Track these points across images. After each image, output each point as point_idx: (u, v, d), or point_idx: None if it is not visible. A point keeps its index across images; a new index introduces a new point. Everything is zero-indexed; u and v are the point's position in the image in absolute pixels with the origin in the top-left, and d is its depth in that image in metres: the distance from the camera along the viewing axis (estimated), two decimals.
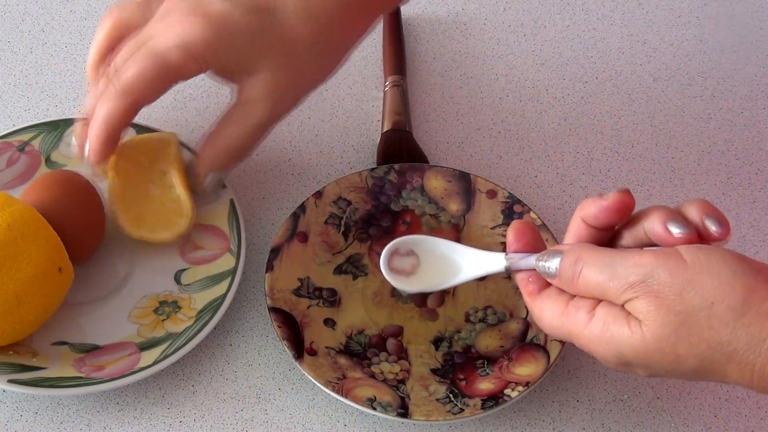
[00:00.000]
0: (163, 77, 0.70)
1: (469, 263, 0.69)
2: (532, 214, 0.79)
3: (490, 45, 0.94)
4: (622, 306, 0.60)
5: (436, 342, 0.76)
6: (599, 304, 0.61)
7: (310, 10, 0.70)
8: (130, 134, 0.81)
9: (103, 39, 0.74)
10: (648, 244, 0.63)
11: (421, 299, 0.78)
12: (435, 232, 0.81)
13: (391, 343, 0.76)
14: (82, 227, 0.75)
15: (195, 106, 0.89)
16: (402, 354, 0.76)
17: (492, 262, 0.67)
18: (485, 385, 0.73)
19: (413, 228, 0.81)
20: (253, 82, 0.71)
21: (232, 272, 0.76)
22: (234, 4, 0.70)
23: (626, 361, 0.61)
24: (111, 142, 0.72)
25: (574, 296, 0.63)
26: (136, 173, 0.78)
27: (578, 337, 0.62)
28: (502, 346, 0.76)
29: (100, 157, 0.72)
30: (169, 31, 0.69)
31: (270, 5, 0.70)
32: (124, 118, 0.71)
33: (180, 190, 0.77)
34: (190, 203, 0.77)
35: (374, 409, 0.71)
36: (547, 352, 0.73)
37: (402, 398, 0.72)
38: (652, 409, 0.74)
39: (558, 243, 0.78)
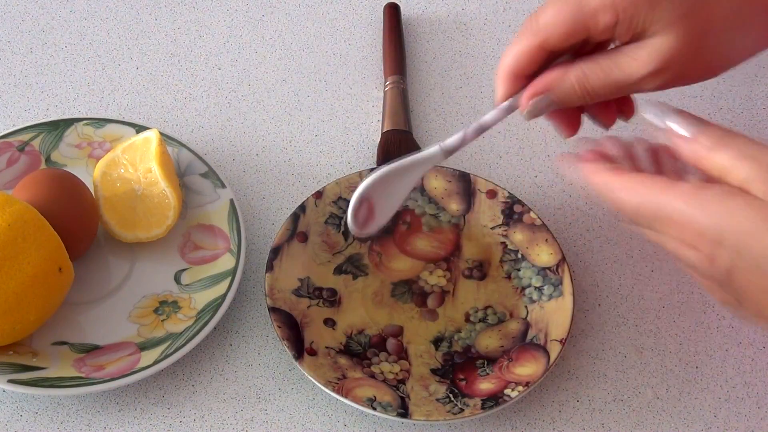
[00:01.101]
0: (573, 20, 0.65)
1: (413, 172, 0.70)
2: (532, 214, 0.79)
3: (490, 45, 0.94)
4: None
5: (436, 342, 0.76)
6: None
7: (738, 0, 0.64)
8: (127, 136, 0.81)
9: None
10: None
11: (421, 299, 0.78)
12: (435, 231, 0.81)
13: (391, 343, 0.76)
14: (75, 223, 0.75)
15: (195, 106, 0.89)
16: (402, 354, 0.76)
17: (429, 155, 0.69)
18: (485, 385, 0.73)
19: (413, 228, 0.81)
20: (647, 42, 0.64)
21: (232, 272, 0.76)
22: None
23: (720, 236, 0.58)
24: (513, 79, 0.68)
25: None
26: (121, 180, 0.78)
27: (672, 201, 0.60)
28: (502, 346, 0.76)
29: (501, 92, 0.69)
30: None
31: None
32: (529, 57, 0.67)
33: (164, 183, 0.77)
34: (175, 194, 0.77)
35: (374, 409, 0.71)
36: (547, 352, 0.73)
37: (402, 398, 0.72)
38: (652, 409, 0.74)
39: (557, 243, 0.78)
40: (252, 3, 0.96)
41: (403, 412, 0.71)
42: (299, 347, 0.73)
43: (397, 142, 0.85)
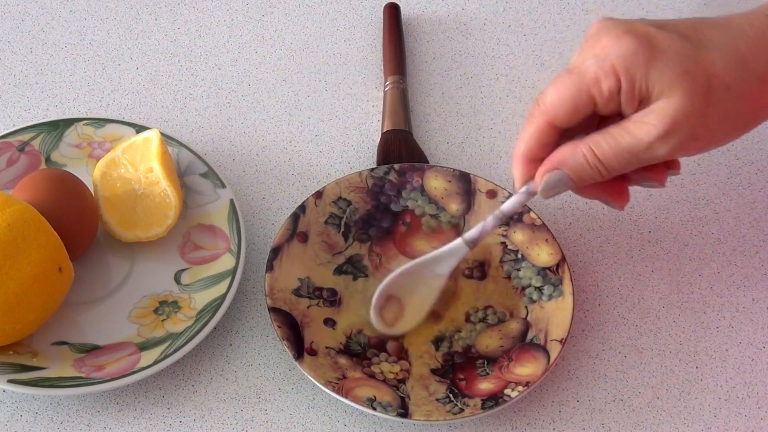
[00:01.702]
0: (577, 91, 0.65)
1: (439, 266, 0.74)
2: (532, 214, 0.79)
3: (490, 45, 0.94)
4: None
5: (436, 342, 0.76)
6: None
7: (738, 54, 0.64)
8: (127, 136, 0.81)
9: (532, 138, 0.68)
10: None
11: None
12: (435, 232, 0.81)
13: (391, 343, 0.76)
14: (75, 223, 0.75)
15: (195, 106, 0.89)
16: (402, 354, 0.76)
17: (453, 248, 0.74)
18: (485, 385, 0.73)
19: (413, 228, 0.81)
20: (654, 107, 0.64)
21: (232, 272, 0.76)
22: (658, 28, 0.65)
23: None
24: (528, 163, 0.68)
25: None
26: (121, 180, 0.78)
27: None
28: (502, 346, 0.76)
29: (518, 177, 0.69)
30: (591, 48, 0.66)
31: (695, 36, 0.65)
32: (540, 138, 0.67)
33: (165, 182, 0.77)
34: (176, 194, 0.77)
35: (374, 409, 0.71)
36: (547, 352, 0.73)
37: (402, 398, 0.72)
38: (652, 409, 0.74)
39: (557, 243, 0.78)
40: (252, 3, 0.96)
41: (403, 412, 0.71)
42: (299, 347, 0.73)
43: (397, 142, 0.85)
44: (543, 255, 0.78)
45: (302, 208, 0.79)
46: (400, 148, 0.84)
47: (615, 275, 0.80)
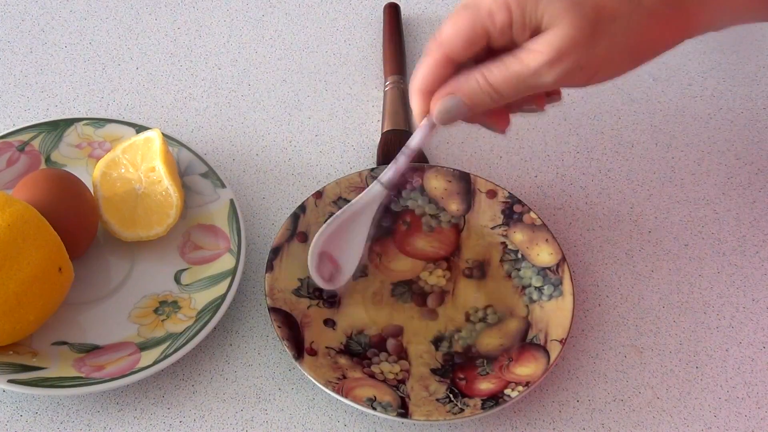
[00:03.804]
0: (472, 24, 0.67)
1: (362, 215, 0.75)
2: (532, 214, 0.79)
3: None
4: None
5: (436, 342, 0.76)
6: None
7: None
8: (127, 136, 0.81)
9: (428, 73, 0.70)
10: None
11: (421, 299, 0.78)
12: (435, 232, 0.81)
13: (391, 343, 0.76)
14: (75, 223, 0.75)
15: (195, 106, 0.89)
16: (402, 354, 0.76)
17: (372, 194, 0.74)
18: (485, 385, 0.73)
19: (413, 228, 0.81)
20: (543, 36, 0.65)
21: (232, 272, 0.76)
22: None
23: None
24: (426, 95, 0.70)
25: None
26: (122, 180, 0.78)
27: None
28: (502, 346, 0.76)
29: (417, 111, 0.71)
30: None
31: None
32: (437, 71, 0.69)
33: (168, 181, 0.77)
34: (178, 193, 0.77)
35: (374, 409, 0.71)
36: (547, 352, 0.73)
37: (402, 398, 0.72)
38: (652, 409, 0.74)
39: (557, 243, 0.78)
40: (252, 3, 0.96)
41: (403, 412, 0.71)
42: (299, 347, 0.73)
43: (397, 142, 0.85)
44: (543, 255, 0.78)
45: (302, 208, 0.79)
46: (400, 148, 0.84)
47: (615, 275, 0.80)
